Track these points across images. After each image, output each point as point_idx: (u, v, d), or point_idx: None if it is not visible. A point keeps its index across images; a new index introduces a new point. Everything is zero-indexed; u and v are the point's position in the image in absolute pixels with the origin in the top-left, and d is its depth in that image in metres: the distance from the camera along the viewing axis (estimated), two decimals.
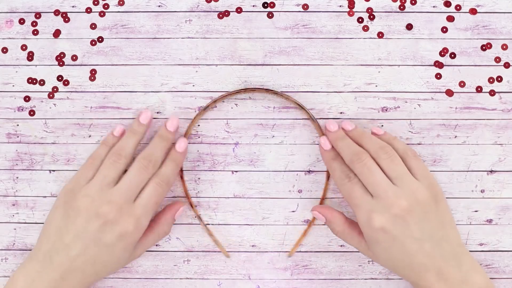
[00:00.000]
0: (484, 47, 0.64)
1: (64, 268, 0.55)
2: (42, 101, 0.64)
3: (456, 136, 0.63)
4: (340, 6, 0.64)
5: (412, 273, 0.56)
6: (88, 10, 0.65)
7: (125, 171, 0.59)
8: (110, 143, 0.61)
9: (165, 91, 0.64)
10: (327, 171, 0.63)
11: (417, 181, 0.57)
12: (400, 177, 0.56)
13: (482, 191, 0.63)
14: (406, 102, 0.64)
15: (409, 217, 0.55)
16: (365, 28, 0.64)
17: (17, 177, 0.64)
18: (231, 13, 0.64)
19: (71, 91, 0.64)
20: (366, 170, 0.56)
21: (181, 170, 0.63)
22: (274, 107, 0.64)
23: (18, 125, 0.64)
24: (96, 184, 0.57)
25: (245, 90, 0.63)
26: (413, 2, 0.64)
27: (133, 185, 0.57)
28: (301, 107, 0.63)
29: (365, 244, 0.58)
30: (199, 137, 0.64)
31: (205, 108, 0.63)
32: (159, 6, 0.65)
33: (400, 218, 0.55)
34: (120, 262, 0.58)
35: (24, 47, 0.64)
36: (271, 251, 0.63)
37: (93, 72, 0.64)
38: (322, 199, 0.63)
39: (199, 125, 0.64)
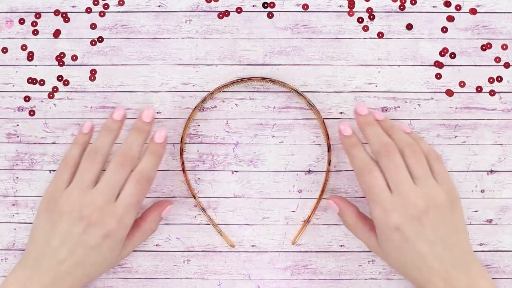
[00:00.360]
0: (484, 47, 0.64)
1: (54, 272, 0.55)
2: (42, 101, 0.64)
3: (456, 136, 0.63)
4: (340, 6, 0.64)
5: (419, 276, 0.55)
6: (88, 10, 0.65)
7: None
8: (81, 142, 0.60)
9: (165, 91, 0.64)
10: (327, 172, 0.63)
11: (438, 185, 0.56)
12: (422, 178, 0.56)
13: (482, 191, 0.63)
14: (406, 102, 0.64)
15: (425, 219, 0.55)
16: (365, 28, 0.64)
17: (17, 177, 0.64)
18: (231, 13, 0.64)
19: (71, 91, 0.64)
20: (392, 166, 0.56)
21: (185, 171, 0.63)
22: (274, 107, 0.64)
23: (18, 125, 0.64)
24: (75, 187, 0.57)
25: (241, 80, 0.63)
26: (413, 2, 0.64)
27: (111, 185, 0.56)
28: (297, 93, 0.63)
29: (375, 240, 0.58)
30: (199, 137, 0.64)
31: (203, 101, 0.63)
32: (159, 6, 0.65)
33: (416, 218, 0.55)
34: (109, 262, 0.58)
35: (24, 47, 0.64)
36: (271, 251, 0.63)
37: (93, 72, 0.64)
38: (319, 199, 0.63)
39: (199, 125, 0.64)
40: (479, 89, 0.64)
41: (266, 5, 0.64)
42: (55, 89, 0.64)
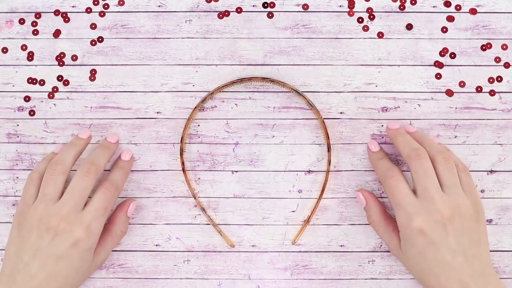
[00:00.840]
0: (484, 47, 0.64)
1: (28, 287, 0.55)
2: (42, 101, 0.64)
3: (456, 136, 0.63)
4: (340, 6, 0.64)
5: (436, 283, 0.55)
6: (88, 10, 0.65)
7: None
8: (49, 158, 0.61)
9: (165, 91, 0.64)
10: (327, 172, 0.63)
11: (465, 195, 0.57)
12: (451, 187, 0.56)
13: (482, 191, 0.63)
14: (406, 102, 0.64)
15: (449, 227, 0.55)
16: (365, 28, 0.64)
17: (17, 177, 0.64)
18: (231, 13, 0.64)
19: (71, 91, 0.64)
20: (421, 171, 0.56)
21: (184, 171, 0.63)
22: (274, 107, 0.64)
23: (18, 125, 0.64)
24: (41, 202, 0.57)
25: (241, 80, 0.63)
26: (413, 2, 0.64)
27: (77, 194, 0.57)
28: (297, 93, 0.63)
29: (397, 241, 0.58)
30: (199, 137, 0.64)
31: (203, 101, 0.63)
32: (159, 6, 0.65)
33: (440, 225, 0.55)
34: (81, 274, 0.58)
35: (24, 47, 0.64)
36: (271, 251, 0.63)
37: (93, 72, 0.64)
38: (319, 199, 0.63)
39: (199, 125, 0.64)
40: (479, 89, 0.64)
41: (266, 5, 0.64)
42: (55, 89, 0.64)
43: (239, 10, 0.64)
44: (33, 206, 0.57)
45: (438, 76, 0.64)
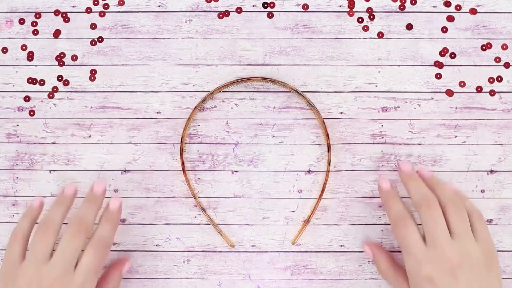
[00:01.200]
0: (484, 47, 0.64)
1: None
2: (42, 101, 0.64)
3: (456, 136, 0.63)
4: (340, 6, 0.64)
5: None
6: (88, 10, 0.65)
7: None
8: (31, 215, 0.59)
9: (165, 91, 0.64)
10: (327, 172, 0.63)
11: (476, 243, 0.56)
12: (462, 235, 0.55)
13: (482, 191, 0.63)
14: (406, 102, 0.64)
15: (459, 274, 0.54)
16: (365, 28, 0.64)
17: (17, 177, 0.64)
18: (231, 13, 0.64)
19: (71, 91, 0.64)
20: (431, 219, 0.55)
21: (184, 171, 0.63)
22: (274, 107, 0.64)
23: (18, 125, 0.64)
24: (31, 262, 0.55)
25: (241, 80, 0.63)
26: (413, 2, 0.64)
27: (67, 255, 0.55)
28: (297, 93, 0.63)
29: None
30: (199, 137, 0.64)
31: (203, 101, 0.63)
32: (159, 6, 0.65)
33: (450, 272, 0.54)
34: None
35: (24, 47, 0.64)
36: (271, 251, 0.63)
37: (93, 72, 0.64)
38: (319, 199, 0.63)
39: (199, 125, 0.64)
40: (479, 89, 0.64)
41: (266, 5, 0.64)
42: (55, 89, 0.64)
43: (239, 10, 0.64)
44: (22, 267, 0.55)
45: (438, 76, 0.64)
